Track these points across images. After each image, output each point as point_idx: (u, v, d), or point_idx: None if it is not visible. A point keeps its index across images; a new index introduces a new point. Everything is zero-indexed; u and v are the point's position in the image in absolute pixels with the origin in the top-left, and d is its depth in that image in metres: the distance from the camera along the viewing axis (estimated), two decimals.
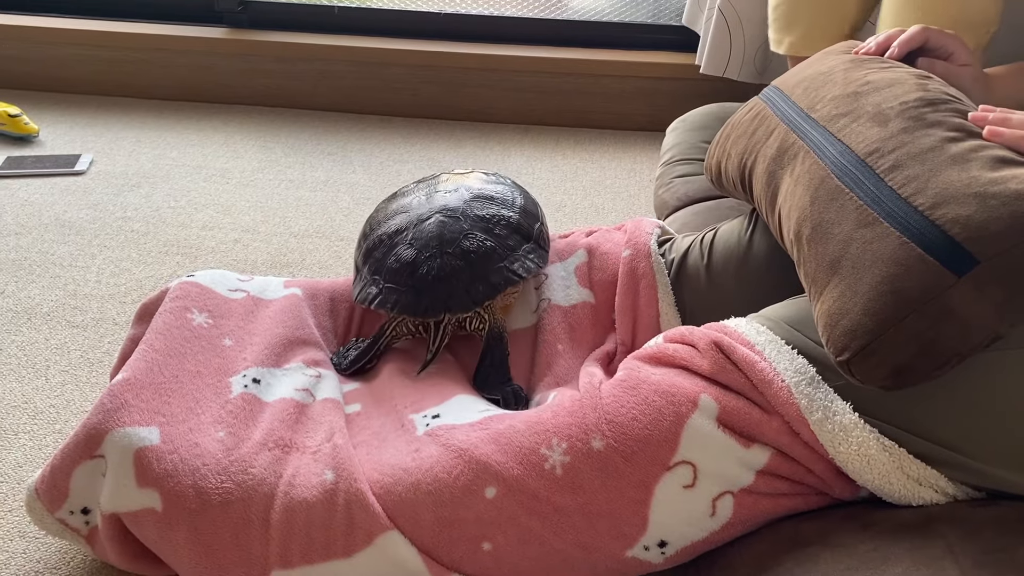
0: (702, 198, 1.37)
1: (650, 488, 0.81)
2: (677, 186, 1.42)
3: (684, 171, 1.45)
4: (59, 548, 0.97)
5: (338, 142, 2.00)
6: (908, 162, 0.77)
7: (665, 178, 1.47)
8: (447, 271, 1.03)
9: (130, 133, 1.99)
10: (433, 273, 1.03)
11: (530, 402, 1.01)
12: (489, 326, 1.05)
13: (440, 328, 1.03)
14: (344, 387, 1.02)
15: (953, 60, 0.98)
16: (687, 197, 1.39)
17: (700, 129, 1.51)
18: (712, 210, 1.32)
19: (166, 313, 1.01)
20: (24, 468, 1.08)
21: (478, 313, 1.05)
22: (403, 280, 1.04)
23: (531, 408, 0.97)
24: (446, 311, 1.02)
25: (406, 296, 1.03)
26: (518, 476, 0.81)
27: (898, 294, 0.71)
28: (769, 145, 0.96)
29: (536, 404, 0.98)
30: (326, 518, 0.82)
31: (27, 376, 1.23)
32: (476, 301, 1.02)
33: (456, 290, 1.02)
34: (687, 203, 1.38)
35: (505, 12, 2.16)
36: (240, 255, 1.54)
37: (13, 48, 2.15)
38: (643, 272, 1.07)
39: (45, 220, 1.62)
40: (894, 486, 0.78)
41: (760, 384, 0.82)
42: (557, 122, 2.13)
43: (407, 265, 1.04)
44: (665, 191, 1.44)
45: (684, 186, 1.41)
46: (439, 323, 1.03)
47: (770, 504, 0.83)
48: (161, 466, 0.84)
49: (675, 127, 1.58)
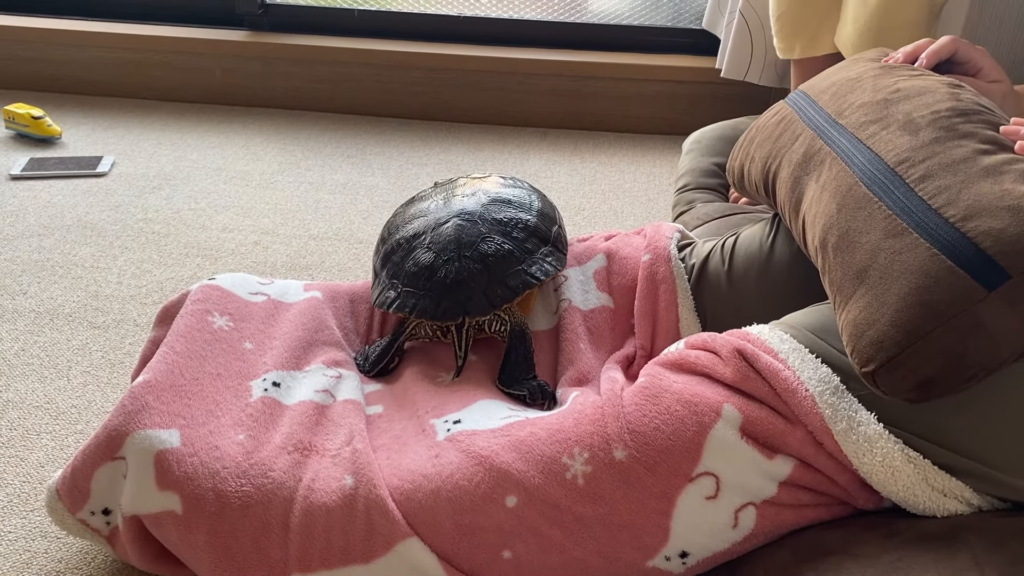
0: (719, 216, 1.39)
1: (672, 499, 0.80)
2: (697, 209, 1.44)
3: (700, 198, 1.47)
4: (80, 548, 0.98)
5: (357, 145, 2.00)
6: (939, 172, 0.76)
7: (681, 204, 1.49)
8: (465, 274, 1.03)
9: (151, 135, 2.00)
10: (451, 277, 1.03)
11: (556, 397, 1.00)
12: (510, 327, 1.05)
13: (462, 332, 1.03)
14: (366, 387, 1.02)
15: (982, 76, 0.97)
16: (706, 216, 1.41)
17: (713, 155, 1.52)
18: (730, 223, 1.33)
19: (187, 316, 1.02)
20: (46, 468, 1.08)
21: (498, 316, 1.05)
22: (421, 284, 1.04)
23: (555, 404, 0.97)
24: (464, 314, 1.02)
25: (424, 300, 1.03)
26: (539, 485, 0.81)
27: (927, 306, 0.70)
28: (795, 150, 0.95)
29: (560, 398, 0.98)
30: (345, 523, 0.82)
31: (49, 376, 1.24)
32: (494, 304, 1.02)
33: (474, 293, 1.02)
34: (706, 221, 1.40)
35: (524, 15, 2.16)
36: (260, 257, 1.54)
37: (37, 51, 2.17)
38: (663, 276, 1.06)
39: (67, 221, 1.63)
40: (919, 498, 0.78)
41: (784, 393, 0.81)
42: (576, 125, 2.13)
43: (425, 269, 1.04)
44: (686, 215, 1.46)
45: (703, 208, 1.43)
46: (460, 327, 1.03)
47: (793, 516, 0.82)
48: (181, 469, 0.85)
49: (690, 148, 1.58)
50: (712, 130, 1.59)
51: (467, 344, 1.03)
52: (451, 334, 1.05)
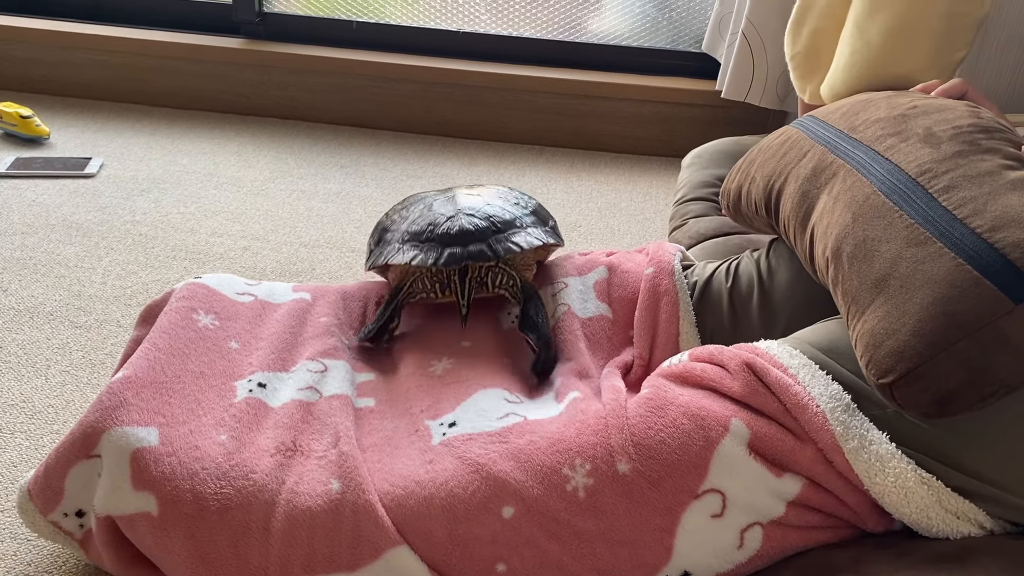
0: (713, 235, 1.39)
1: (676, 516, 0.77)
2: (690, 225, 1.44)
3: (697, 210, 1.47)
4: (51, 551, 0.93)
5: (351, 156, 1.97)
6: (964, 184, 0.74)
7: (677, 218, 1.49)
8: (470, 227, 1.05)
9: (142, 139, 1.97)
10: (455, 229, 1.05)
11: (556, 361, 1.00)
12: (520, 284, 1.06)
13: (465, 283, 1.03)
14: (358, 377, 0.98)
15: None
16: (699, 235, 1.40)
17: (714, 167, 1.51)
18: (721, 245, 1.34)
19: (171, 312, 0.98)
20: (19, 468, 1.04)
21: (503, 269, 1.05)
22: (423, 237, 1.05)
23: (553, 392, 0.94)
24: (468, 259, 1.02)
25: (427, 250, 1.04)
26: (538, 496, 0.77)
27: (951, 317, 0.67)
28: (803, 166, 0.93)
29: (559, 387, 0.94)
30: (331, 529, 0.78)
31: (27, 375, 1.19)
32: (497, 254, 1.03)
33: (478, 243, 1.04)
34: (699, 240, 1.40)
35: (523, 33, 2.15)
36: (249, 262, 1.51)
37: (29, 51, 2.13)
38: (666, 289, 1.04)
39: (52, 221, 1.59)
40: (932, 520, 0.75)
41: (794, 409, 0.78)
42: (572, 144, 2.11)
43: (428, 225, 1.06)
44: (678, 232, 1.46)
45: (696, 225, 1.43)
46: (463, 276, 1.03)
47: (799, 537, 0.79)
48: (158, 469, 0.81)
49: (690, 162, 1.57)
50: (713, 145, 1.58)
51: (470, 294, 1.03)
52: (452, 287, 1.03)
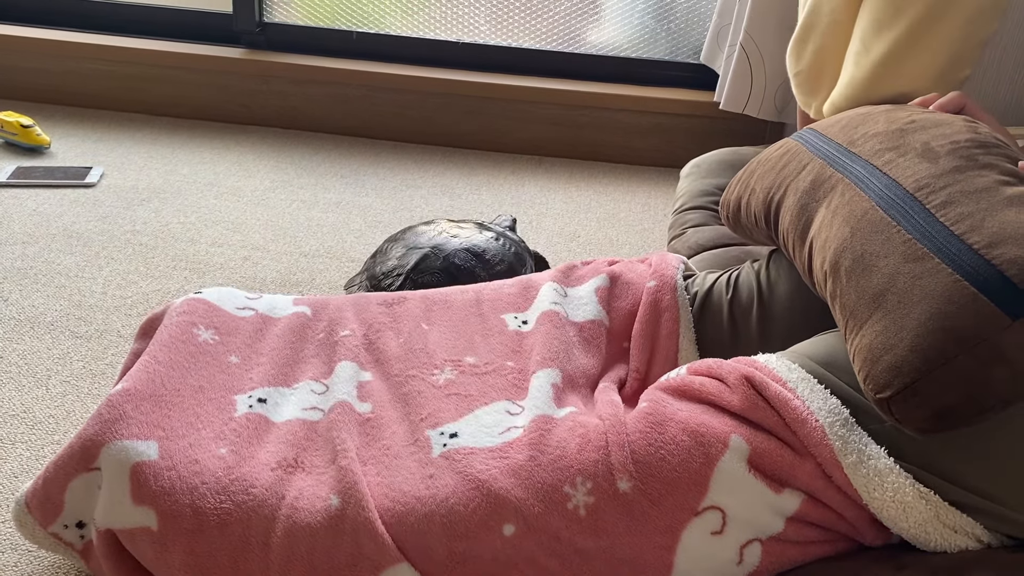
0: (711, 247, 1.39)
1: (677, 534, 0.77)
2: (688, 235, 1.44)
3: (695, 219, 1.47)
4: (52, 562, 0.93)
5: (351, 165, 1.98)
6: (961, 199, 0.74)
7: (676, 227, 1.49)
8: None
9: (142, 149, 1.97)
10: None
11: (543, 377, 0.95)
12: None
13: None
14: (361, 375, 0.97)
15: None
16: (698, 246, 1.41)
17: (713, 176, 1.51)
18: (720, 257, 1.34)
19: (171, 327, 0.98)
20: (20, 479, 1.04)
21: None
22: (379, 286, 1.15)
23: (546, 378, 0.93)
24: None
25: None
26: (539, 514, 0.77)
27: (948, 332, 0.68)
28: (802, 179, 0.94)
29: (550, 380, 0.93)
30: (330, 546, 0.78)
31: (27, 385, 1.19)
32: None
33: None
34: (697, 251, 1.40)
35: (523, 44, 2.15)
36: (249, 272, 1.51)
37: (31, 60, 2.14)
38: (667, 305, 1.04)
39: (52, 230, 1.59)
40: (930, 535, 0.75)
41: (793, 423, 0.78)
42: (571, 154, 2.12)
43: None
44: (677, 241, 1.46)
45: (695, 235, 1.43)
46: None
47: (798, 552, 0.79)
48: (158, 483, 0.81)
49: (689, 172, 1.57)
50: (712, 155, 1.59)
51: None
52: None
